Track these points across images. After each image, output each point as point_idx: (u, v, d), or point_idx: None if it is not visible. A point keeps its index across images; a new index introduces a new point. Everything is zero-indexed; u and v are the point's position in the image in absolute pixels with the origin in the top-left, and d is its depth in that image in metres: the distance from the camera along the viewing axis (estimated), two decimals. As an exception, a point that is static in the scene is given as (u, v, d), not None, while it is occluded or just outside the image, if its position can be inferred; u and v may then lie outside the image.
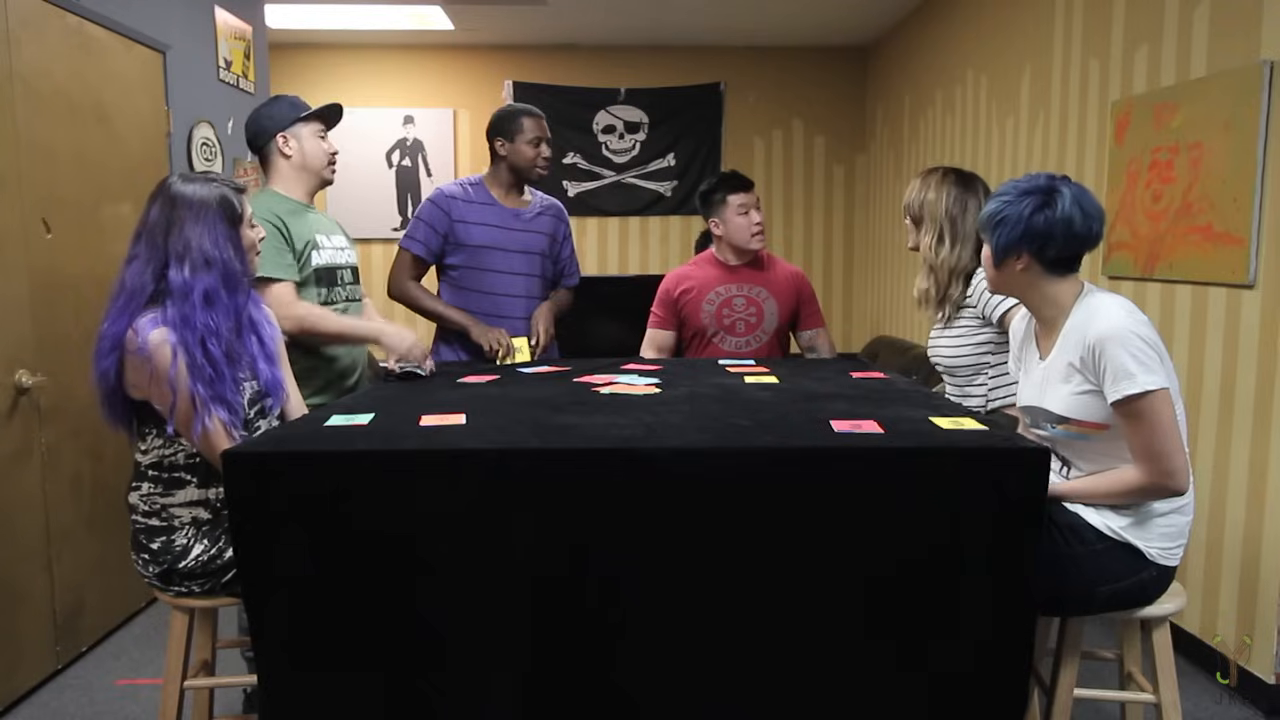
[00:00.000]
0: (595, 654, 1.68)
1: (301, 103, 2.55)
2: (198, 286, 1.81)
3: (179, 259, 1.82)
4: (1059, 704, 1.89)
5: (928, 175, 2.49)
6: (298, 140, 2.50)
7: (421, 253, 2.88)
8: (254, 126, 2.52)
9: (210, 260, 1.83)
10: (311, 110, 2.52)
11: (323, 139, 2.55)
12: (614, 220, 6.51)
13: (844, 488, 1.63)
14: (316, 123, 2.53)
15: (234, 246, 1.88)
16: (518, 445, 1.68)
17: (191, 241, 1.83)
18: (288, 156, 2.50)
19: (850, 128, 6.49)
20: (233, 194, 1.91)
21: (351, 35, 5.98)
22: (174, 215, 1.84)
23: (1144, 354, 1.72)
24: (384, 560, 1.64)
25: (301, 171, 2.52)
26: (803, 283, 3.08)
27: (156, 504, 1.90)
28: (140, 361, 1.78)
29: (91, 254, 3.09)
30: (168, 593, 1.92)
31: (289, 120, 2.49)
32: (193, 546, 1.88)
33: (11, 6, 2.70)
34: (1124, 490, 1.79)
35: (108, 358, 1.82)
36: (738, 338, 3.01)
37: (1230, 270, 2.71)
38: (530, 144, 2.87)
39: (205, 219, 1.85)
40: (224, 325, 1.84)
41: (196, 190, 1.87)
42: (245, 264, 1.92)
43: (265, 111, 2.52)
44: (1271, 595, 2.63)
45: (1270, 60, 2.56)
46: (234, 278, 1.87)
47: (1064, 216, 1.80)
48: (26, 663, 2.77)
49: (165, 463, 1.89)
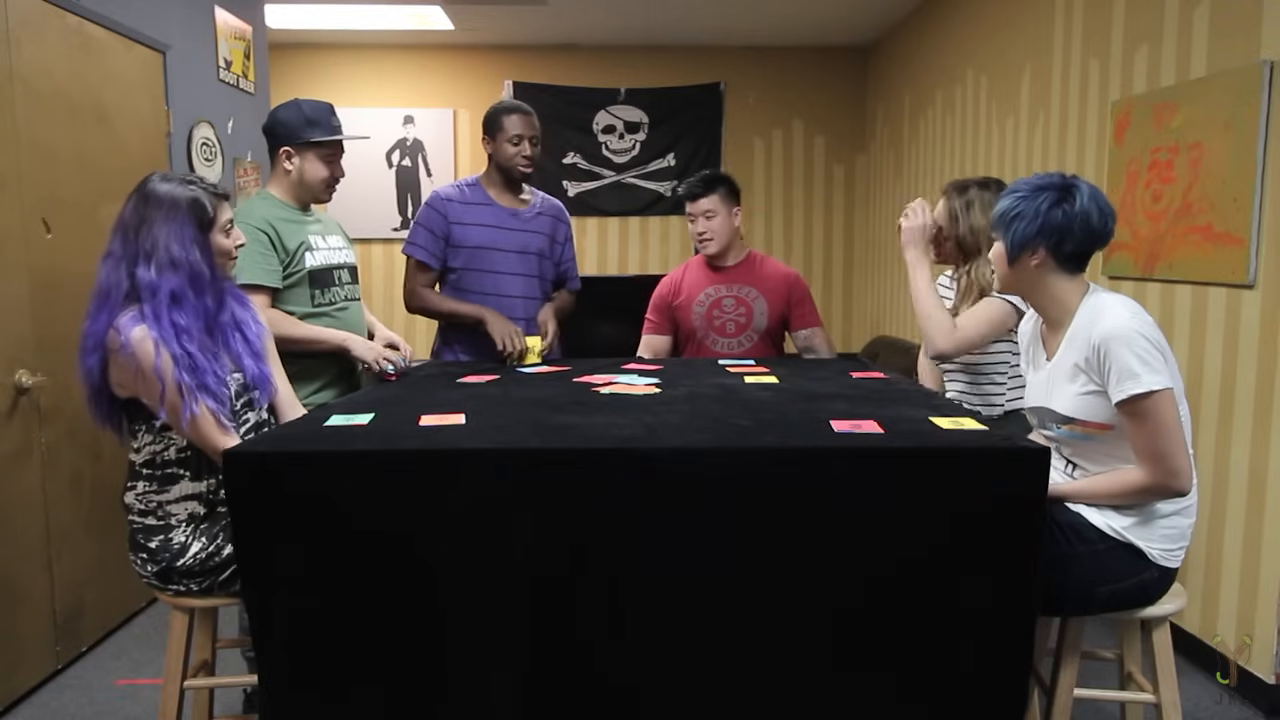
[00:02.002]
0: (595, 654, 1.68)
1: (323, 118, 2.48)
2: (164, 286, 1.82)
3: (147, 257, 1.83)
4: (1059, 704, 1.89)
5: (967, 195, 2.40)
6: (300, 159, 2.47)
7: (424, 257, 2.87)
8: (266, 125, 2.51)
9: (176, 261, 1.84)
10: (321, 139, 2.47)
11: (330, 163, 2.50)
12: (614, 220, 6.51)
13: (844, 488, 1.63)
14: (328, 145, 2.49)
15: (200, 249, 1.87)
16: (518, 445, 1.68)
17: (159, 241, 1.83)
18: (287, 171, 2.49)
19: (850, 128, 6.49)
20: (207, 198, 1.90)
21: (351, 35, 5.98)
22: (146, 213, 1.85)
23: (1149, 354, 1.72)
24: (384, 560, 1.64)
25: (297, 187, 2.51)
26: (795, 283, 3.08)
27: (152, 502, 1.91)
28: (125, 359, 1.78)
29: (91, 254, 3.04)
30: (166, 592, 1.93)
31: (297, 139, 2.46)
32: (190, 544, 1.88)
33: (11, 6, 2.70)
34: (1127, 490, 1.79)
35: (91, 355, 1.83)
36: (728, 338, 3.02)
37: (1230, 270, 2.71)
38: (510, 142, 2.86)
39: (174, 220, 1.85)
40: (194, 325, 1.84)
41: (171, 190, 1.87)
42: (214, 268, 1.91)
43: (280, 116, 2.48)
44: (1271, 595, 2.63)
45: (1270, 60, 2.56)
46: (200, 280, 1.87)
47: (1082, 211, 1.80)
48: (26, 663, 2.77)
49: (158, 459, 1.90)
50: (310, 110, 2.48)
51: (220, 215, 1.92)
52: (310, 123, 2.47)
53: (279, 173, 2.50)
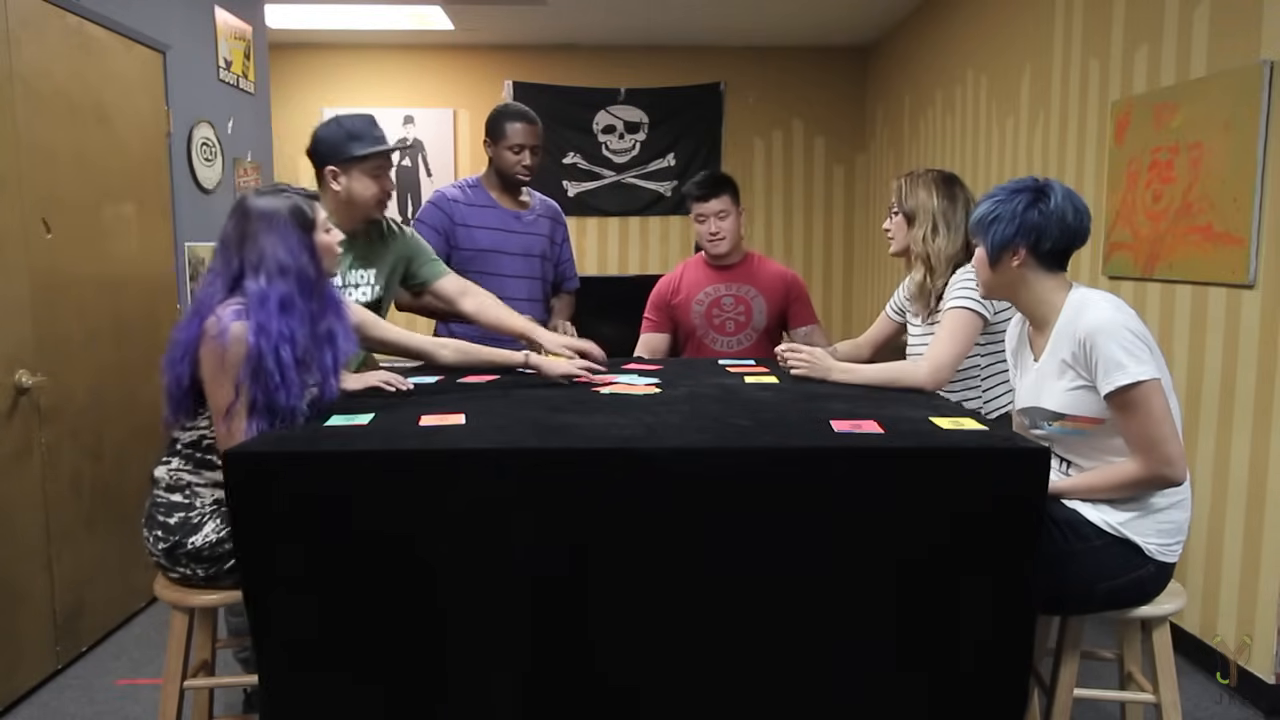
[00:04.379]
0: (595, 654, 1.68)
1: (366, 132, 2.42)
2: (273, 294, 1.85)
3: (254, 269, 1.87)
4: (1059, 704, 1.89)
5: (913, 178, 2.50)
6: (347, 178, 2.41)
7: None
8: (309, 147, 2.45)
9: (285, 267, 1.87)
10: (367, 152, 2.40)
11: (377, 177, 2.43)
12: (614, 220, 6.51)
13: (844, 488, 1.63)
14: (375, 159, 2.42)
15: (308, 252, 1.91)
16: (518, 445, 1.68)
17: (265, 250, 1.87)
18: (335, 191, 2.42)
19: (850, 128, 6.49)
20: (304, 201, 1.95)
21: (351, 35, 5.98)
22: (247, 228, 1.89)
23: (1134, 345, 1.74)
24: (384, 560, 1.64)
25: (346, 206, 2.44)
26: (794, 282, 3.11)
27: (182, 480, 1.94)
28: (215, 347, 1.80)
29: (91, 254, 3.09)
30: (171, 574, 1.93)
31: (340, 156, 2.39)
32: (205, 524, 1.90)
33: (11, 6, 2.70)
34: (1123, 483, 1.80)
35: (180, 364, 1.86)
36: (727, 336, 3.04)
37: (1230, 270, 2.71)
38: (511, 150, 2.86)
39: (277, 228, 1.89)
40: (299, 331, 1.87)
41: (268, 202, 1.91)
42: (320, 268, 1.95)
43: (321, 135, 2.43)
44: (1271, 595, 2.63)
45: (1270, 60, 2.56)
46: (308, 282, 1.91)
47: (1058, 209, 1.84)
48: (26, 663, 2.77)
49: (202, 443, 1.93)
50: (351, 125, 2.42)
51: (318, 215, 1.97)
52: (352, 137, 2.41)
53: (327, 194, 2.42)
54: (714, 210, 2.99)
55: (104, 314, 3.14)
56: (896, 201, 2.51)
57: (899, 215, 2.51)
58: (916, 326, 2.57)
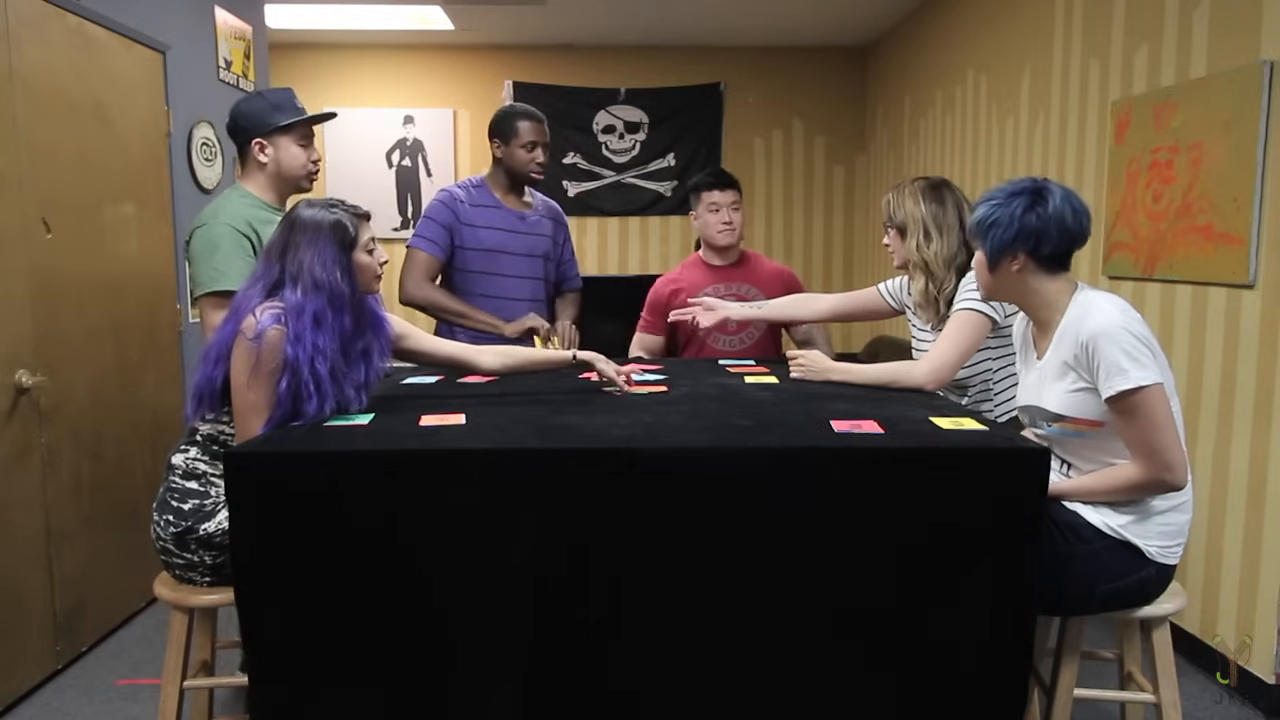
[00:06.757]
0: (595, 654, 1.68)
1: (287, 102, 2.44)
2: (308, 308, 1.86)
3: (293, 280, 1.88)
4: (1059, 704, 1.89)
5: (899, 191, 2.50)
6: (274, 148, 2.41)
7: (435, 252, 2.88)
8: (231, 124, 2.44)
9: (319, 283, 1.88)
10: (292, 120, 2.41)
11: (305, 146, 2.44)
12: (614, 220, 6.51)
13: (844, 488, 1.63)
14: (299, 129, 2.43)
15: (342, 270, 1.92)
16: (518, 445, 1.68)
17: (304, 263, 1.89)
18: (262, 164, 2.42)
19: (850, 128, 6.48)
20: (349, 219, 1.95)
21: (351, 35, 5.98)
22: (291, 238, 1.91)
23: (1136, 350, 1.73)
24: (383, 560, 1.64)
25: (276, 179, 2.44)
26: (791, 280, 3.11)
27: (198, 469, 1.95)
28: (250, 347, 1.81)
29: (92, 254, 3.09)
30: (176, 560, 1.92)
31: (266, 127, 2.39)
32: (219, 512, 1.91)
33: (11, 6, 2.70)
34: (1123, 486, 1.80)
35: (216, 366, 1.88)
36: (729, 335, 3.04)
37: (1230, 270, 2.71)
38: (525, 148, 2.87)
39: (318, 242, 1.90)
40: (330, 346, 1.88)
41: (315, 214, 1.93)
42: (354, 288, 1.95)
43: (244, 109, 2.42)
44: (1271, 595, 2.63)
45: (1270, 60, 2.56)
46: (341, 299, 1.91)
47: (1057, 212, 1.82)
48: (26, 663, 2.77)
49: (221, 437, 1.95)
50: (273, 97, 2.44)
51: (361, 235, 1.97)
52: (276, 108, 2.41)
53: (253, 167, 2.43)
54: (729, 201, 3.00)
55: (104, 314, 3.14)
56: (887, 217, 2.52)
57: (893, 230, 2.51)
58: (925, 331, 2.56)
